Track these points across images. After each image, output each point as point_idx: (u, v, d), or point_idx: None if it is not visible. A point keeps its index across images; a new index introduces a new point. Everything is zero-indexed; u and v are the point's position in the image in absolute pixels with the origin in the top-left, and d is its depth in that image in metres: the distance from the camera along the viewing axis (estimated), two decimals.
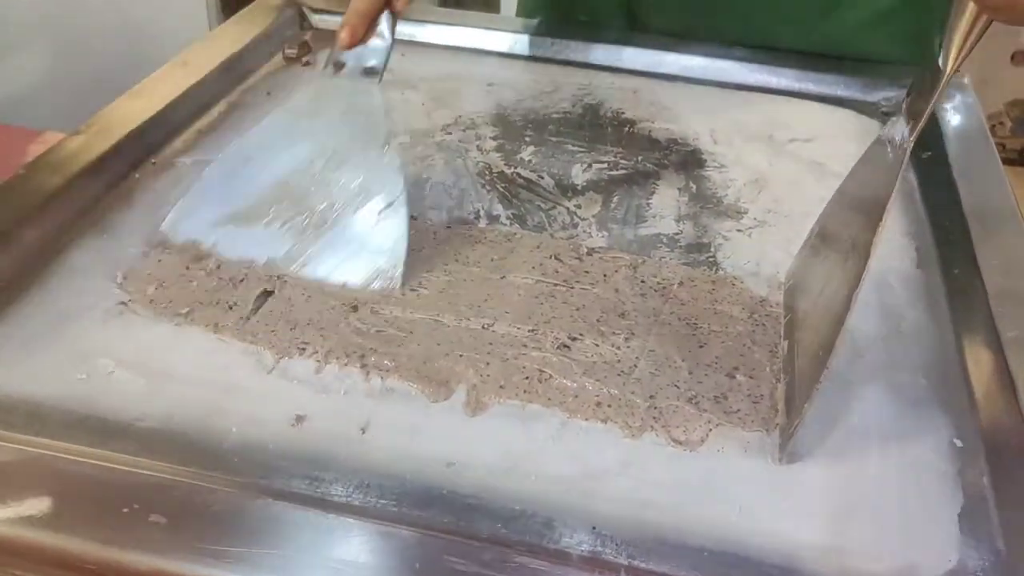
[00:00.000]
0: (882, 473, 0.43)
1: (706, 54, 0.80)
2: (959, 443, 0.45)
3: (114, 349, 0.48)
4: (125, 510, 0.38)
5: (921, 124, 0.44)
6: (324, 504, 0.40)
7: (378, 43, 0.59)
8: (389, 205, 0.55)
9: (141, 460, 0.41)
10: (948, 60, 0.42)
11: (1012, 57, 2.13)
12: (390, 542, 0.38)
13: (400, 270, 0.53)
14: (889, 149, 0.47)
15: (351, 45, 0.59)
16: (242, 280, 0.53)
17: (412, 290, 0.53)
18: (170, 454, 0.42)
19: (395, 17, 0.59)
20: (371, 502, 0.40)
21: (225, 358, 0.48)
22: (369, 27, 0.59)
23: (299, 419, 0.44)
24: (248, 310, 0.51)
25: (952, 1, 0.41)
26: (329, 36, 0.84)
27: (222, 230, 0.55)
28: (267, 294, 0.52)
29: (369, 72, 0.59)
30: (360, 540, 0.38)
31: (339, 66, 0.59)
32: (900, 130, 0.46)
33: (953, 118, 0.73)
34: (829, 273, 0.48)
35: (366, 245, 0.54)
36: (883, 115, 0.76)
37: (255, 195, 0.56)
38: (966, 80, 0.79)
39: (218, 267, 0.54)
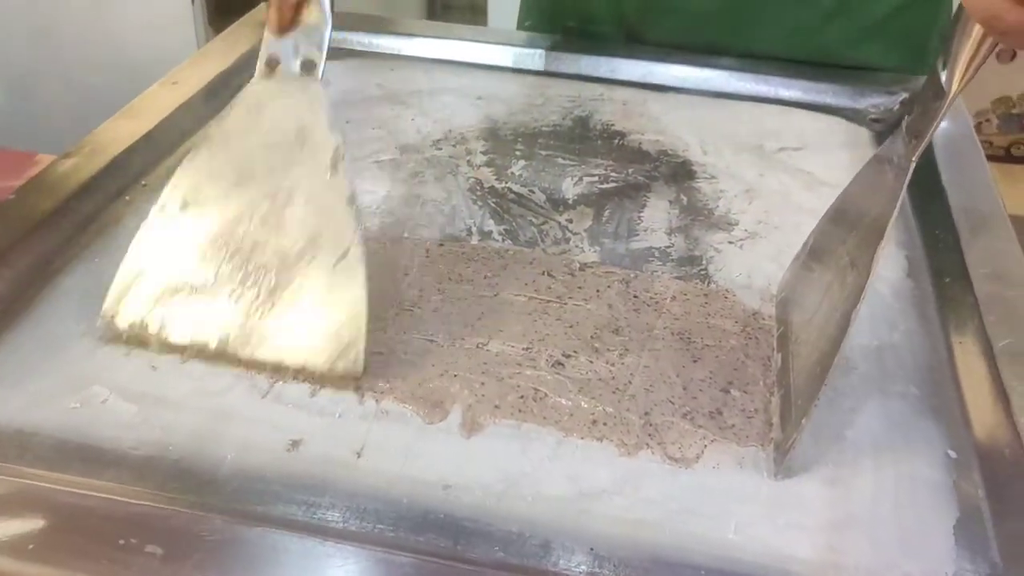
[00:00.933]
0: (877, 486, 0.44)
1: (695, 64, 0.81)
2: (953, 454, 0.46)
3: (107, 376, 0.48)
4: (121, 541, 0.38)
5: (924, 144, 0.44)
6: (321, 531, 0.40)
7: (314, 23, 0.51)
8: (343, 256, 0.48)
9: (136, 489, 0.41)
10: (953, 81, 0.41)
11: (997, 55, 2.14)
12: (387, 568, 0.38)
13: (361, 346, 0.47)
14: (888, 168, 0.46)
15: (281, 28, 0.51)
16: None
17: (406, 310, 0.53)
18: (165, 483, 0.42)
19: None
20: (368, 527, 0.40)
21: (219, 383, 0.47)
22: (303, 5, 0.51)
23: (294, 444, 0.44)
24: None
25: (957, 21, 0.40)
26: None
27: (167, 306, 0.49)
28: None
29: (307, 67, 0.52)
30: (357, 567, 0.38)
31: (272, 64, 0.52)
32: (900, 148, 0.46)
33: (940, 124, 0.73)
34: (826, 289, 0.48)
35: (322, 314, 0.48)
36: (872, 122, 0.77)
37: (196, 256, 0.50)
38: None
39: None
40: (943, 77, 0.42)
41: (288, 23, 0.52)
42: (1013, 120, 2.31)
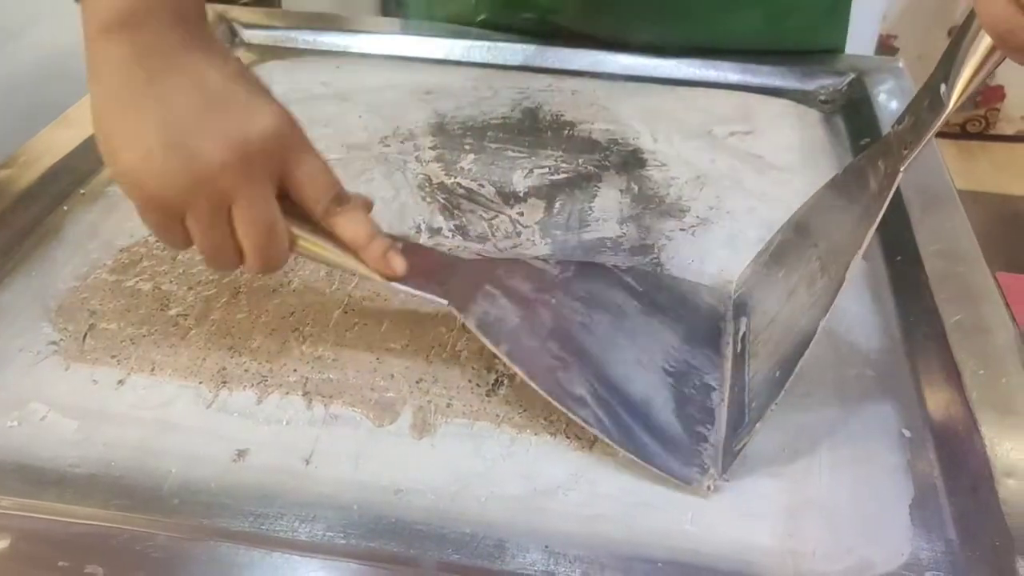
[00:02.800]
0: (833, 470, 0.43)
1: (643, 52, 0.80)
2: (908, 433, 0.45)
3: (46, 392, 0.46)
4: (61, 563, 0.37)
5: (915, 154, 0.43)
6: (269, 542, 0.39)
7: None
8: None
9: (76, 509, 0.40)
10: (953, 94, 0.40)
11: (949, 32, 2.17)
12: None
13: None
14: (872, 175, 0.45)
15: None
16: (175, 307, 0.52)
17: (353, 309, 0.52)
18: (108, 500, 0.41)
19: None
20: (317, 535, 0.39)
21: (162, 395, 0.46)
22: None
23: (241, 454, 0.43)
24: (182, 341, 0.49)
25: (964, 34, 0.39)
26: (261, 51, 0.83)
27: None
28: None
29: None
30: None
31: None
32: (887, 157, 0.45)
33: (889, 103, 0.74)
34: (791, 292, 0.47)
35: None
36: (821, 103, 0.77)
37: None
38: (900, 64, 0.80)
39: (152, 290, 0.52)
40: (942, 88, 0.41)
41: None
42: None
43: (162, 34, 0.40)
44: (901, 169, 0.43)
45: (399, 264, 0.44)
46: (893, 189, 0.43)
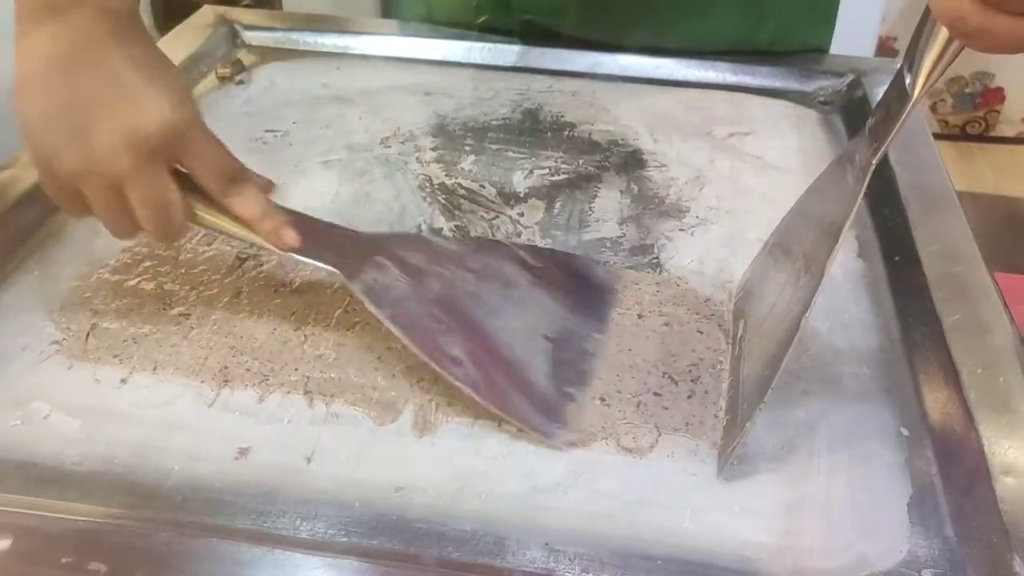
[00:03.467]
0: (831, 468, 0.44)
1: (643, 53, 0.80)
2: (906, 432, 0.46)
3: (49, 391, 0.47)
4: (64, 560, 0.37)
5: (885, 147, 0.43)
6: (271, 539, 0.39)
7: None
8: None
9: (79, 506, 0.40)
10: (917, 85, 0.41)
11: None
12: (340, 573, 0.38)
13: None
14: (849, 169, 0.46)
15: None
16: (177, 307, 0.52)
17: (354, 309, 0.52)
18: (111, 498, 0.41)
19: None
20: (319, 533, 0.40)
21: (164, 393, 0.47)
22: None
23: (243, 452, 0.43)
24: (184, 341, 0.50)
25: (924, 23, 0.40)
26: (263, 53, 0.83)
27: None
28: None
29: None
30: (309, 574, 0.38)
31: None
32: (861, 150, 0.45)
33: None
34: (780, 290, 0.48)
35: None
36: (820, 104, 0.77)
37: None
38: (899, 65, 0.80)
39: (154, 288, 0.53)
40: (907, 79, 0.42)
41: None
42: (967, 99, 2.35)
43: (85, 24, 0.43)
44: (873, 162, 0.44)
45: (290, 236, 0.48)
46: (866, 182, 0.44)
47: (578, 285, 0.54)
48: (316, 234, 0.49)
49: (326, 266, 0.49)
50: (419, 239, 0.55)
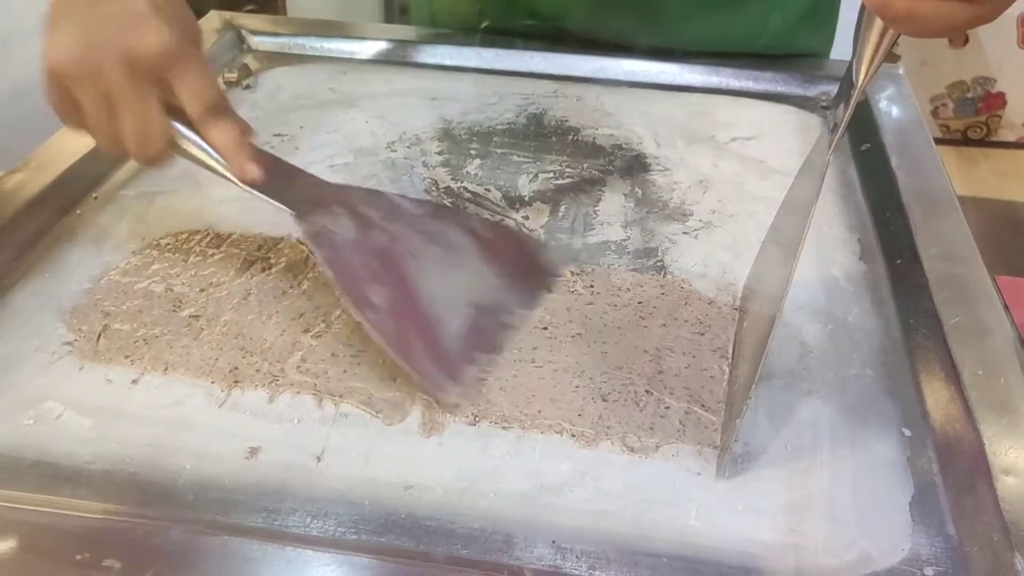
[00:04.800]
0: (834, 467, 0.44)
1: (647, 58, 0.81)
2: (907, 432, 0.46)
3: (61, 391, 0.47)
4: (77, 557, 0.38)
5: (839, 135, 0.45)
6: (282, 537, 0.40)
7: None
8: None
9: (92, 504, 0.41)
10: (860, 72, 0.42)
11: (950, 40, 2.18)
12: (350, 571, 0.38)
13: None
14: (817, 157, 0.47)
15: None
16: (187, 308, 0.52)
17: None
18: (123, 496, 0.41)
19: None
20: (329, 531, 0.40)
21: (175, 394, 0.47)
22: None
23: (253, 451, 0.44)
24: (195, 342, 0.50)
25: (863, 12, 0.41)
26: (269, 58, 0.84)
27: None
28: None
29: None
30: (320, 571, 0.38)
31: None
32: (823, 139, 0.47)
33: (889, 109, 0.75)
34: (770, 280, 0.49)
35: None
36: (823, 109, 0.78)
37: None
38: (900, 71, 0.81)
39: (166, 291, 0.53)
40: (854, 69, 0.43)
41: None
42: (968, 104, 2.35)
43: None
44: (830, 151, 0.45)
45: (252, 170, 0.50)
46: (825, 171, 0.45)
47: (521, 263, 0.57)
48: (280, 175, 0.52)
49: (280, 205, 0.51)
50: (382, 196, 0.57)
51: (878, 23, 0.39)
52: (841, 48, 0.85)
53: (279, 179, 0.52)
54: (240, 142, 0.50)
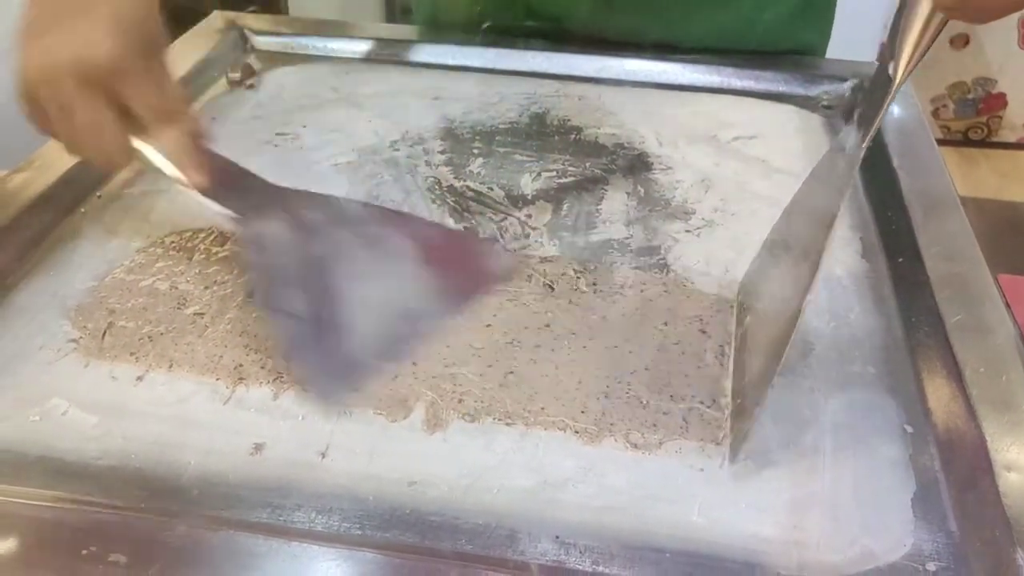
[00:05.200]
0: (836, 464, 0.44)
1: (649, 57, 0.81)
2: (909, 429, 0.46)
3: (66, 388, 0.47)
4: (84, 551, 0.38)
5: (871, 133, 0.44)
6: (287, 532, 0.40)
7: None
8: None
9: (98, 499, 0.41)
10: (899, 69, 0.41)
11: (951, 41, 2.18)
12: (355, 566, 0.39)
13: None
14: (841, 157, 0.47)
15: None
16: (192, 306, 0.53)
17: None
18: (129, 492, 0.42)
19: None
20: (334, 526, 0.40)
21: (179, 391, 0.47)
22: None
23: (258, 447, 0.44)
24: (199, 339, 0.51)
25: (903, 8, 0.40)
26: (272, 58, 0.84)
27: None
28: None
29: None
30: (325, 566, 0.39)
31: None
32: (852, 138, 0.46)
33: (891, 109, 0.75)
34: (782, 279, 0.49)
35: None
36: (824, 109, 0.78)
37: None
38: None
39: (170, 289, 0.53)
40: (891, 67, 0.42)
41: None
42: (968, 105, 2.35)
43: None
44: (863, 147, 0.45)
45: (197, 177, 0.50)
46: (856, 168, 0.45)
47: (464, 269, 0.57)
48: (229, 180, 0.52)
49: (223, 209, 0.51)
50: (331, 201, 0.58)
51: (921, 15, 0.39)
52: (838, 44, 0.86)
53: (226, 182, 0.52)
54: (187, 147, 0.50)
